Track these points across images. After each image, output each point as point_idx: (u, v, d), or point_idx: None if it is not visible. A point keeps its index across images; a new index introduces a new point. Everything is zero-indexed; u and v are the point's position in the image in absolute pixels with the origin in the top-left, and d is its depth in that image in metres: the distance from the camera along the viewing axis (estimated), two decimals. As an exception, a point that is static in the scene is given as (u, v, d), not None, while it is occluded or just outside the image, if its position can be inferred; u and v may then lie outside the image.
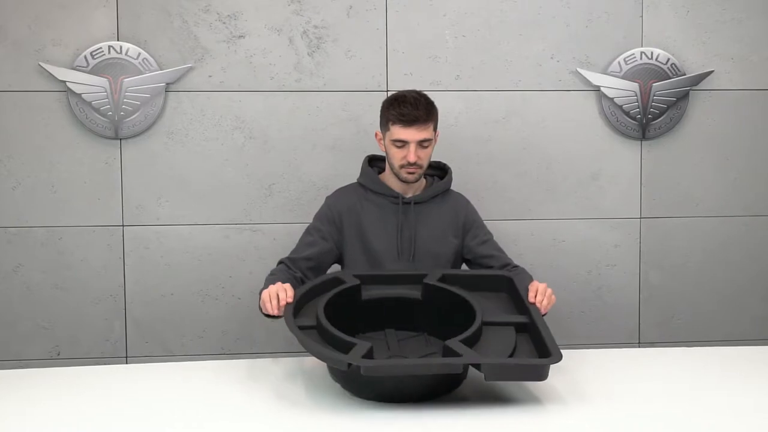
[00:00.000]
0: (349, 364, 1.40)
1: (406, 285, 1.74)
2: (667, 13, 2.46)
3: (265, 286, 1.74)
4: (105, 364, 2.30)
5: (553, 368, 1.68)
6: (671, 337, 2.53)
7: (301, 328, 1.56)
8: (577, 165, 2.48)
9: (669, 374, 1.68)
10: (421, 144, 1.87)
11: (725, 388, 1.58)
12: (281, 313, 1.65)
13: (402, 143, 1.87)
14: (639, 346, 2.53)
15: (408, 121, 1.85)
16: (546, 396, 1.53)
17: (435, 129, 1.93)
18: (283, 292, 1.65)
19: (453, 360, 1.43)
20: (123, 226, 2.37)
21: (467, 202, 2.07)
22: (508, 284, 1.77)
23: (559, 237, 2.49)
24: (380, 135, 1.96)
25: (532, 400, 1.51)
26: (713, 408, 1.46)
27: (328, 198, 2.05)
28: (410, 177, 1.91)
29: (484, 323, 1.57)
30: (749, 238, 2.53)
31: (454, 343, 1.47)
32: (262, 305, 1.72)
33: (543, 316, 1.65)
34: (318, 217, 2.01)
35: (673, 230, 2.51)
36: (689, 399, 1.51)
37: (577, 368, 1.71)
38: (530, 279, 1.83)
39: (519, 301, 1.70)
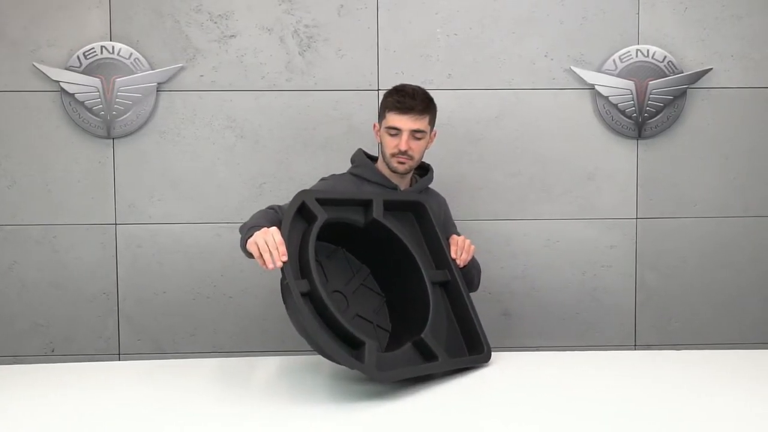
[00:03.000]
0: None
1: (351, 207, 1.73)
2: (664, 10, 2.41)
3: (252, 224, 1.68)
4: (98, 360, 2.34)
5: (548, 369, 1.70)
6: (668, 339, 2.49)
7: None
8: (572, 164, 2.45)
9: (665, 378, 1.64)
10: (414, 135, 1.88)
11: (723, 392, 1.53)
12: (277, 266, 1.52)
13: (396, 131, 1.88)
14: (635, 349, 2.49)
15: (403, 109, 1.86)
16: (539, 397, 1.51)
17: (431, 125, 1.93)
18: (275, 250, 1.50)
19: (437, 365, 1.59)
20: (116, 224, 2.40)
21: (444, 199, 2.10)
22: (420, 209, 1.81)
23: (554, 237, 2.46)
24: (377, 127, 1.97)
25: (525, 400, 1.49)
26: (710, 412, 1.41)
27: (323, 178, 2.04)
28: (400, 167, 1.91)
29: (433, 283, 1.70)
30: (748, 239, 2.47)
31: (428, 338, 1.57)
32: (255, 257, 1.57)
33: (462, 268, 1.80)
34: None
35: (670, 231, 2.47)
36: (686, 403, 1.46)
37: (571, 370, 1.69)
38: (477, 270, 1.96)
39: (427, 231, 1.79)
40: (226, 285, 2.43)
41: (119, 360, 2.40)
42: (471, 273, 1.89)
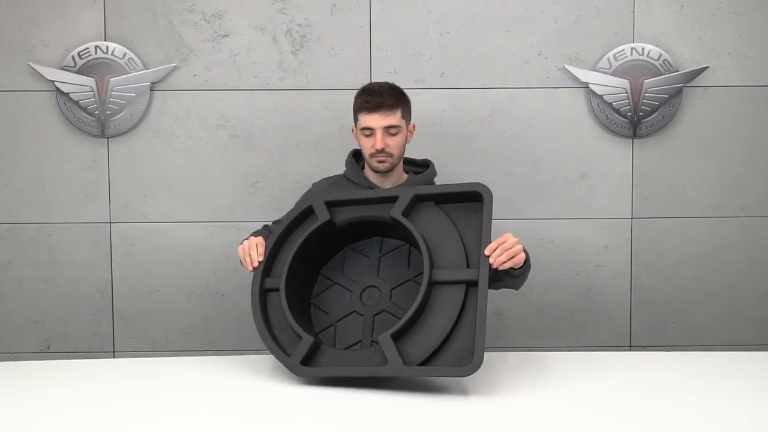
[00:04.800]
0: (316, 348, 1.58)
1: (380, 205, 1.72)
2: (660, 7, 2.39)
3: (245, 239, 1.86)
4: (93, 357, 2.36)
5: (541, 370, 1.68)
6: (663, 341, 2.46)
7: (269, 290, 1.69)
8: (566, 164, 2.43)
9: (661, 379, 1.62)
10: (388, 131, 1.86)
11: (719, 395, 1.50)
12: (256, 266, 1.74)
13: (369, 131, 1.87)
14: (630, 350, 2.47)
15: (372, 108, 1.84)
16: (531, 397, 1.50)
17: (405, 118, 1.90)
18: (254, 250, 1.73)
19: (381, 370, 1.53)
20: (110, 223, 2.41)
21: None
22: (479, 198, 1.68)
23: (548, 237, 2.45)
24: (355, 130, 1.96)
25: (517, 401, 1.48)
26: (707, 416, 1.39)
27: (314, 183, 2.09)
28: (380, 166, 1.89)
29: (434, 283, 1.57)
30: (745, 239, 2.44)
31: (384, 340, 1.52)
32: (241, 261, 1.80)
33: (505, 269, 1.63)
34: (306, 194, 2.06)
35: (666, 231, 2.44)
36: (682, 406, 1.44)
37: (564, 371, 1.67)
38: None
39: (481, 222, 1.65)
40: (219, 283, 2.44)
41: (114, 357, 2.42)
42: (509, 280, 1.75)
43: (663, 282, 2.45)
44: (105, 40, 2.36)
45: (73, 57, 2.34)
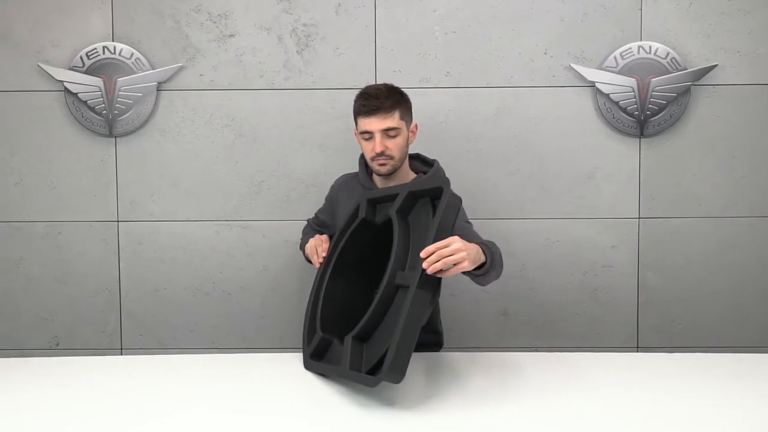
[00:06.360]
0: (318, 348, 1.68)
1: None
2: (667, 5, 2.36)
3: (304, 239, 2.09)
4: (101, 355, 2.38)
5: (547, 369, 1.67)
6: (671, 341, 2.44)
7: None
8: (572, 163, 2.41)
9: (668, 380, 1.60)
10: (387, 133, 1.85)
11: (726, 396, 1.49)
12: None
13: (369, 134, 1.86)
14: (637, 351, 2.45)
15: (369, 111, 1.84)
16: (536, 397, 1.49)
17: (405, 119, 1.88)
18: (320, 246, 1.89)
19: (335, 369, 1.58)
20: (118, 221, 2.44)
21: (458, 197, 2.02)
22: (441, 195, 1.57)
23: (553, 237, 2.43)
24: (356, 133, 1.96)
25: (521, 400, 1.48)
26: (712, 417, 1.38)
27: (336, 179, 2.11)
28: (382, 169, 1.88)
29: (399, 286, 1.52)
30: (754, 239, 2.41)
31: (346, 341, 1.54)
32: (309, 258, 1.97)
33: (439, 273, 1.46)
34: (330, 189, 2.13)
35: (673, 231, 2.42)
36: (688, 407, 1.43)
37: (569, 370, 1.66)
38: (485, 248, 1.63)
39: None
40: (225, 282, 2.45)
41: (121, 354, 2.45)
42: (470, 276, 1.65)
43: (670, 282, 2.43)
44: (113, 41, 2.38)
45: (81, 57, 2.37)
